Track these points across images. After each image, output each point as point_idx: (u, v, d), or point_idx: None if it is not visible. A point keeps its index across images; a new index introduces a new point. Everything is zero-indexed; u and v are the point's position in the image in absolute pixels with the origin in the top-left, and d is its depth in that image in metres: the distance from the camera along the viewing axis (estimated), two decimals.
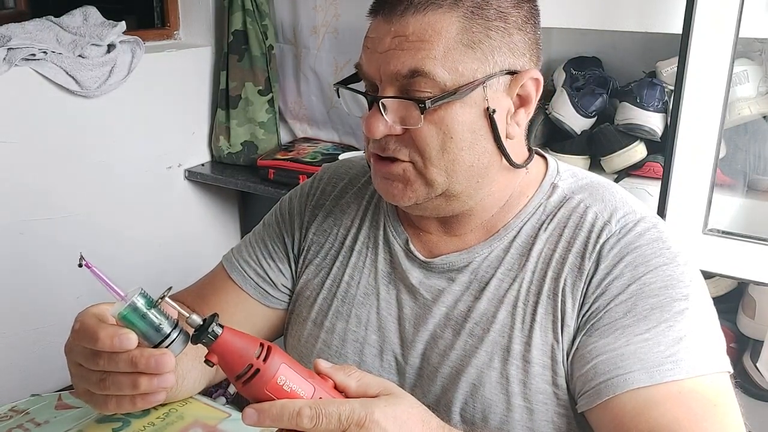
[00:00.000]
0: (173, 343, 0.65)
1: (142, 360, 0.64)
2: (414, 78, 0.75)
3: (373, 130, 0.77)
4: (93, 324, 0.66)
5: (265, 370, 0.62)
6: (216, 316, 0.63)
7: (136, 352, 0.64)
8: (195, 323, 0.63)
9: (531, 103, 0.82)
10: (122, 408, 0.69)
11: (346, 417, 0.61)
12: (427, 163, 0.78)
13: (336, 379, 0.66)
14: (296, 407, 0.61)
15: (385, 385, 0.67)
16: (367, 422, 0.61)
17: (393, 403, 0.65)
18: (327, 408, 0.61)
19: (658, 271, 0.78)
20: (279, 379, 0.62)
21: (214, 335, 0.62)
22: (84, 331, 0.67)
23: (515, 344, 0.81)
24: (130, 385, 0.66)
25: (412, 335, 0.87)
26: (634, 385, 0.74)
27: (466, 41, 0.75)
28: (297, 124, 2.36)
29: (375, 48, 0.77)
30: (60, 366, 2.31)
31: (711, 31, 1.31)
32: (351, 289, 0.92)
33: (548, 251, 0.83)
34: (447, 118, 0.76)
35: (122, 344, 0.64)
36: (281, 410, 0.61)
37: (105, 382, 0.67)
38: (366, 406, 0.62)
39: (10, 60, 1.70)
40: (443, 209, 0.84)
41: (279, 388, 0.62)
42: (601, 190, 0.86)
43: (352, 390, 0.66)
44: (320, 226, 0.97)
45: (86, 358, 0.68)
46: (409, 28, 0.75)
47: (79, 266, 0.65)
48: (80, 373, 0.70)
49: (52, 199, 1.90)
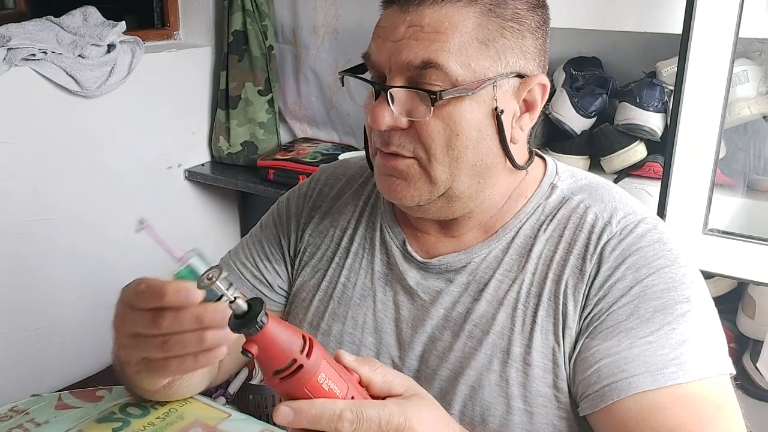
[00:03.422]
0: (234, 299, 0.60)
1: (207, 315, 0.61)
2: (426, 69, 0.74)
3: (379, 121, 0.76)
4: (158, 282, 0.64)
5: (308, 367, 0.57)
6: (263, 303, 0.58)
7: (201, 309, 0.61)
8: (240, 309, 0.57)
9: (536, 108, 0.81)
10: (184, 367, 0.65)
11: (386, 422, 0.60)
12: (432, 158, 0.78)
13: (361, 373, 0.64)
14: (337, 410, 0.58)
15: (409, 383, 0.67)
16: (406, 428, 0.60)
17: (423, 406, 0.64)
18: (367, 412, 0.59)
19: (660, 273, 0.78)
20: (320, 377, 0.58)
21: (261, 325, 0.56)
22: (150, 289, 0.64)
23: (515, 347, 0.80)
24: (196, 341, 0.62)
25: (410, 337, 0.87)
26: (638, 388, 0.73)
27: (481, 38, 0.75)
28: (297, 125, 2.37)
29: (387, 37, 0.76)
30: (60, 366, 2.31)
31: (711, 31, 1.31)
32: (347, 290, 0.92)
33: (548, 253, 0.82)
34: (455, 114, 0.76)
35: (189, 297, 0.60)
36: (321, 411, 0.58)
37: (168, 344, 0.64)
38: (404, 411, 0.61)
39: (10, 60, 1.70)
40: (445, 212, 0.83)
41: (318, 387, 0.58)
42: (600, 191, 0.86)
43: (377, 386, 0.64)
44: (317, 227, 0.97)
45: (147, 323, 0.65)
46: (425, 18, 0.74)
47: (138, 230, 0.62)
48: (136, 342, 0.67)
49: (52, 199, 1.90)
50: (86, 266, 1.97)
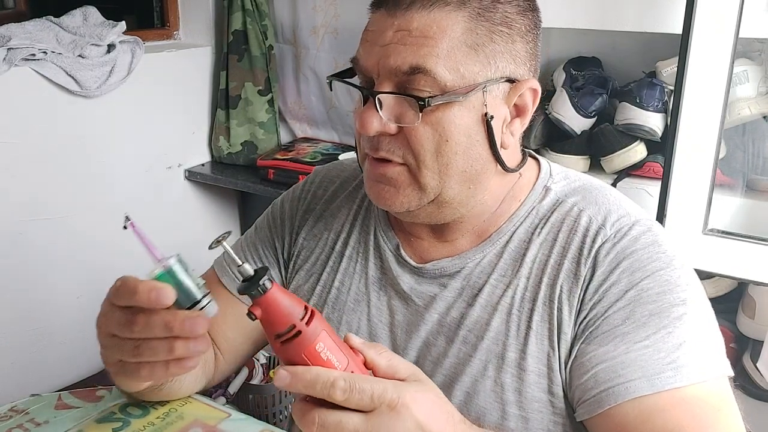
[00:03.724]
0: (206, 307, 0.65)
1: (177, 323, 0.63)
2: (414, 75, 0.74)
3: (367, 126, 0.76)
4: (133, 280, 0.65)
5: (307, 334, 0.61)
6: (268, 270, 0.63)
7: (171, 316, 0.63)
8: (246, 273, 0.62)
9: (527, 113, 0.81)
10: (154, 375, 0.67)
11: (379, 396, 0.61)
12: (421, 165, 0.77)
13: (367, 355, 0.65)
14: (331, 377, 0.60)
15: (413, 370, 0.67)
16: (399, 405, 0.61)
17: (423, 389, 0.65)
18: (361, 384, 0.61)
19: (655, 276, 0.77)
20: (318, 345, 0.62)
21: (264, 289, 0.61)
22: (124, 286, 0.65)
23: (510, 352, 0.80)
24: (165, 350, 0.64)
25: (405, 342, 0.86)
26: (636, 393, 0.73)
27: (470, 42, 0.74)
28: (297, 124, 2.37)
29: (375, 41, 0.76)
30: (60, 366, 2.31)
31: (711, 31, 1.30)
32: (341, 295, 0.91)
33: (543, 257, 0.82)
34: (444, 120, 0.75)
35: (159, 298, 0.62)
36: (316, 377, 0.61)
37: (139, 349, 0.66)
38: (398, 389, 0.62)
39: (10, 60, 1.70)
40: (435, 217, 0.83)
41: (316, 355, 0.62)
42: (594, 193, 0.85)
43: (381, 369, 0.65)
44: (311, 230, 0.96)
45: (121, 325, 0.66)
46: (414, 23, 0.73)
47: (124, 228, 0.64)
48: (113, 343, 0.69)
49: (51, 199, 1.90)
50: (86, 266, 1.97)
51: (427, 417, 0.62)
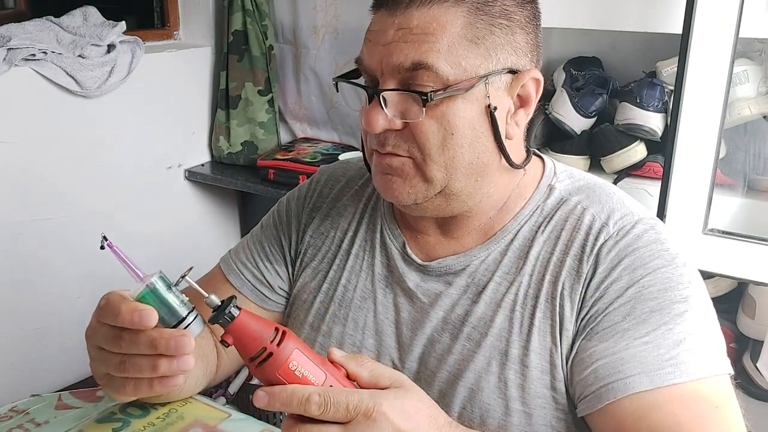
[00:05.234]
0: (191, 324, 0.66)
1: (162, 341, 0.64)
2: (416, 71, 0.75)
3: (373, 124, 0.77)
4: (117, 300, 0.67)
5: (278, 355, 0.64)
6: (234, 299, 0.65)
7: (156, 334, 0.65)
8: (213, 304, 0.65)
9: (531, 103, 0.81)
10: (139, 392, 0.69)
11: (354, 406, 0.63)
12: (427, 158, 0.78)
13: (348, 368, 0.67)
14: (306, 393, 0.63)
15: (396, 377, 0.68)
16: (375, 413, 0.62)
17: (402, 396, 0.66)
18: (336, 396, 0.63)
19: (656, 274, 0.78)
20: (291, 364, 0.64)
21: (231, 317, 0.64)
22: (108, 306, 0.67)
23: (513, 348, 0.80)
24: (149, 368, 0.66)
25: (410, 339, 0.87)
26: (635, 389, 0.73)
27: (470, 36, 0.75)
28: (297, 124, 2.37)
29: (377, 40, 0.77)
30: (60, 366, 2.31)
31: (711, 31, 1.31)
32: (348, 292, 0.92)
33: (546, 254, 0.82)
34: (448, 114, 0.76)
35: (142, 320, 0.64)
36: (291, 395, 0.63)
37: (125, 365, 0.68)
38: (374, 397, 0.63)
39: (10, 60, 1.70)
40: (443, 209, 0.83)
41: (291, 373, 0.64)
42: (598, 192, 0.86)
43: (363, 380, 0.67)
44: (317, 228, 0.97)
45: (108, 340, 0.68)
46: (414, 20, 0.75)
47: (101, 248, 0.66)
48: (100, 356, 0.70)
49: (51, 199, 1.90)
50: (86, 266, 1.97)
51: (405, 422, 0.64)
